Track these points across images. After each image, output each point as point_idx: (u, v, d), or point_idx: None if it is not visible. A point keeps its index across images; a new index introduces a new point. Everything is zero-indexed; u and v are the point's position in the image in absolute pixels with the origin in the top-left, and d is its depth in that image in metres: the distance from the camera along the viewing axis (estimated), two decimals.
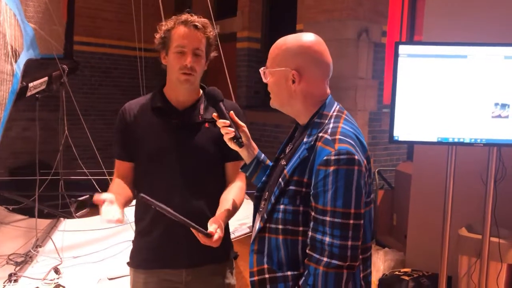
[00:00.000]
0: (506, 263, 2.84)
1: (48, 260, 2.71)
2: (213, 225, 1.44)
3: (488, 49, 2.52)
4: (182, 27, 1.59)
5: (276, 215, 1.28)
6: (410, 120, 2.60)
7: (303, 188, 1.25)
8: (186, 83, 1.62)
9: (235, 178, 1.69)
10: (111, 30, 6.80)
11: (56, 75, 3.21)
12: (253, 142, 1.59)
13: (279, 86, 1.34)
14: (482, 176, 2.83)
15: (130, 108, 1.69)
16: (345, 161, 1.19)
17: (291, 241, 1.27)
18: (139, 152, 1.67)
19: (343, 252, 1.18)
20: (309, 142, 1.27)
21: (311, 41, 1.33)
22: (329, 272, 1.18)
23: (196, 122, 1.66)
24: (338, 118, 1.31)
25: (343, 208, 1.18)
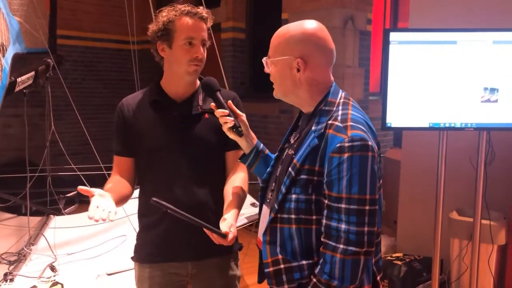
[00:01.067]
0: (497, 245, 2.91)
1: (42, 258, 2.67)
2: (226, 224, 1.42)
3: (477, 34, 2.54)
4: (188, 18, 1.56)
5: (288, 205, 1.28)
6: (402, 107, 2.62)
7: (314, 176, 1.25)
8: (195, 74, 1.61)
9: (236, 168, 1.68)
10: (93, 23, 6.67)
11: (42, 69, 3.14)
12: (251, 132, 1.58)
13: (283, 75, 1.33)
14: (471, 160, 2.89)
15: (128, 103, 1.67)
16: (359, 148, 1.19)
17: (305, 230, 1.27)
18: (139, 147, 1.65)
19: (360, 238, 1.19)
20: (318, 130, 1.26)
21: (314, 28, 1.32)
22: (346, 259, 1.19)
23: (195, 113, 1.64)
24: (346, 105, 1.31)
25: (358, 194, 1.19)
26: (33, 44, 3.06)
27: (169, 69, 1.64)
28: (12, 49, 2.45)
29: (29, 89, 2.96)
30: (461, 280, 3.06)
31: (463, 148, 2.95)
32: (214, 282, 1.68)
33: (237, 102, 1.66)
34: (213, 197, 1.64)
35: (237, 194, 1.58)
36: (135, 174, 1.69)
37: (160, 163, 1.63)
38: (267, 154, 1.59)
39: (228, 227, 1.41)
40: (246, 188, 1.66)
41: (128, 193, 1.65)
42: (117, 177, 1.65)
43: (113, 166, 1.70)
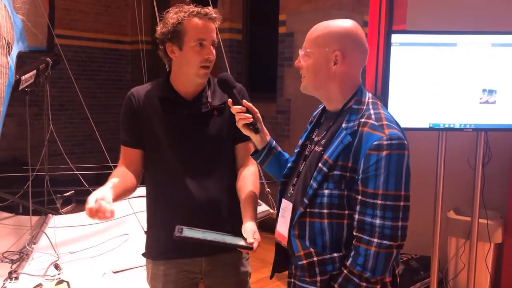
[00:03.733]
0: (493, 243, 2.97)
1: (44, 256, 2.66)
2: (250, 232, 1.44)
3: (476, 37, 2.60)
4: (197, 19, 1.55)
5: (320, 200, 1.31)
6: (402, 108, 2.66)
7: (347, 172, 1.28)
8: (205, 77, 1.61)
9: (246, 160, 1.69)
10: (87, 22, 6.63)
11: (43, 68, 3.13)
12: (265, 128, 1.59)
13: (318, 67, 1.35)
14: (469, 160, 2.95)
15: (138, 94, 1.65)
16: (396, 146, 1.23)
17: (337, 225, 1.31)
18: (149, 143, 1.65)
19: (394, 232, 1.23)
20: (350, 128, 1.29)
21: (354, 26, 1.36)
22: (381, 252, 1.24)
23: (205, 111, 1.65)
24: (376, 105, 1.35)
25: (395, 191, 1.23)
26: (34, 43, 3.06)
27: (179, 70, 1.63)
28: (17, 47, 2.45)
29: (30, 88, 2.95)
30: (458, 278, 3.11)
31: (460, 148, 3.01)
32: (226, 280, 1.69)
33: (243, 93, 1.67)
34: (225, 192, 1.65)
35: (252, 191, 1.60)
36: (142, 166, 1.68)
37: (172, 161, 1.63)
38: (280, 151, 1.60)
39: (252, 235, 1.43)
40: (258, 182, 1.67)
41: (132, 186, 1.62)
42: (123, 169, 1.63)
43: (120, 157, 1.68)
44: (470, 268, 2.82)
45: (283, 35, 4.78)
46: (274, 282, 3.64)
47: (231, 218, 1.61)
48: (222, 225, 1.58)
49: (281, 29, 4.80)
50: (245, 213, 1.52)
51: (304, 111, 4.66)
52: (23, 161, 5.29)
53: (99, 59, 6.84)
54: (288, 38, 4.70)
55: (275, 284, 3.49)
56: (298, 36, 4.56)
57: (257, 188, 1.63)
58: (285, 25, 4.74)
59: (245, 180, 1.63)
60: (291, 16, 4.65)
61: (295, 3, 4.63)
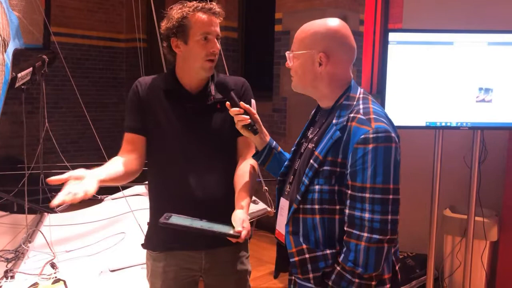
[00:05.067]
0: (489, 241, 2.99)
1: (40, 255, 2.65)
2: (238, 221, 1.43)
3: (473, 36, 2.61)
4: (202, 13, 1.58)
5: (311, 196, 1.31)
6: (399, 106, 2.67)
7: (337, 168, 1.28)
8: (210, 70, 1.64)
9: (245, 153, 1.70)
10: (82, 20, 6.59)
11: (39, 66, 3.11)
12: (264, 129, 1.61)
13: (304, 69, 1.37)
14: (465, 158, 2.96)
15: (145, 84, 1.68)
16: (383, 139, 1.23)
17: (328, 220, 1.30)
18: (154, 133, 1.66)
19: (383, 226, 1.23)
20: (340, 123, 1.30)
21: (339, 25, 1.37)
22: (371, 247, 1.23)
23: (209, 104, 1.67)
24: (366, 99, 1.35)
25: (383, 184, 1.23)
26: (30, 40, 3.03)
27: (184, 65, 1.66)
28: (13, 45, 2.43)
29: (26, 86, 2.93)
30: (454, 276, 3.13)
31: (456, 146, 3.02)
32: (226, 277, 1.69)
33: (245, 88, 1.71)
34: (226, 185, 1.65)
35: (248, 182, 1.60)
36: (145, 154, 1.68)
37: (174, 153, 1.64)
38: (280, 151, 1.62)
39: (241, 224, 1.42)
40: (256, 174, 1.68)
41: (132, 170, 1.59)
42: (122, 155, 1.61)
43: (122, 145, 1.67)
44: (466, 266, 2.84)
45: (279, 33, 4.77)
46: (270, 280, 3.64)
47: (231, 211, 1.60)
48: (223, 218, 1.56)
49: (277, 27, 4.79)
50: (237, 202, 1.53)
51: (300, 110, 4.66)
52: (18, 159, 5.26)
53: (93, 57, 6.80)
54: (284, 36, 4.69)
55: (272, 282, 3.49)
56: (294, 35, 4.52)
57: (253, 179, 1.63)
58: (281, 23, 4.73)
59: (242, 172, 1.64)
60: (287, 14, 4.65)
61: (291, 1, 4.62)
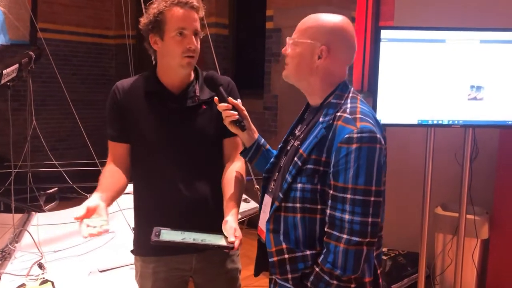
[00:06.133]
0: (480, 239, 2.99)
1: (27, 255, 2.60)
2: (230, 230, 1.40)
3: (465, 33, 2.61)
4: (178, 8, 1.52)
5: (293, 194, 1.29)
6: (391, 104, 2.66)
7: (321, 166, 1.26)
8: (188, 67, 1.58)
9: (233, 155, 1.66)
10: (70, 16, 6.49)
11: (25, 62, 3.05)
12: (252, 125, 1.58)
13: (302, 59, 1.34)
14: (456, 156, 2.96)
15: (123, 88, 1.62)
16: (367, 139, 1.21)
17: (309, 219, 1.28)
18: (136, 137, 1.62)
19: (363, 228, 1.20)
20: (326, 121, 1.28)
21: (346, 23, 1.35)
22: (350, 249, 1.20)
23: (193, 105, 1.62)
24: (355, 99, 1.33)
25: (364, 185, 1.20)
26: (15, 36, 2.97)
27: (163, 62, 1.61)
28: None
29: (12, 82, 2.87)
30: (445, 274, 3.13)
31: (447, 144, 3.02)
32: (216, 277, 1.67)
33: (232, 87, 1.66)
34: (213, 188, 1.62)
35: (236, 188, 1.56)
36: (130, 161, 1.65)
37: (159, 156, 1.60)
38: (268, 148, 1.59)
39: (233, 233, 1.39)
40: (244, 178, 1.65)
41: (124, 185, 1.60)
42: (112, 167, 1.60)
43: (108, 153, 1.65)
44: (457, 264, 2.84)
45: (270, 30, 4.74)
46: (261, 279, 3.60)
47: (219, 215, 1.58)
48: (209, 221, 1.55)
49: (268, 24, 4.76)
50: (226, 211, 1.50)
51: (291, 107, 4.64)
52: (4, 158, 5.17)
53: (82, 54, 6.71)
54: (275, 33, 4.67)
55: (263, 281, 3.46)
56: (285, 32, 4.52)
57: (242, 184, 1.60)
58: (273, 21, 4.71)
59: (229, 176, 1.60)
60: (278, 12, 4.62)
61: None
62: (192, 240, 1.38)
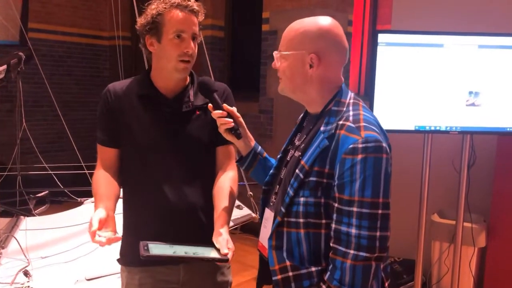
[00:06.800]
0: (477, 247, 2.94)
1: (13, 262, 2.53)
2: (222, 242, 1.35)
3: (463, 38, 2.56)
4: (178, 11, 1.48)
5: (296, 208, 1.22)
6: (388, 109, 2.61)
7: (324, 179, 1.19)
8: (184, 71, 1.53)
9: (226, 164, 1.61)
10: (64, 16, 6.42)
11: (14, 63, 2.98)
12: (249, 133, 1.52)
13: (294, 71, 1.27)
14: (453, 162, 2.91)
15: (115, 91, 1.57)
16: (373, 149, 1.14)
17: (314, 235, 1.22)
18: (127, 142, 1.56)
19: (371, 243, 1.14)
20: (328, 131, 1.21)
21: (331, 24, 1.27)
22: (357, 265, 1.14)
23: (187, 110, 1.57)
24: (357, 105, 1.26)
25: (371, 198, 1.13)
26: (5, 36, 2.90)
27: (158, 65, 1.56)
28: None
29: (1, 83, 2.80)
30: (442, 282, 3.08)
31: (444, 150, 2.98)
32: None
33: (227, 93, 1.61)
34: (205, 197, 1.57)
35: (228, 198, 1.51)
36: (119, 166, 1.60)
37: (149, 162, 1.55)
38: (265, 156, 1.53)
39: (226, 245, 1.34)
40: (236, 189, 1.59)
41: (119, 190, 1.56)
42: (104, 174, 1.55)
43: (97, 157, 1.60)
44: (454, 273, 2.79)
45: (266, 33, 4.69)
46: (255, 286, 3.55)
47: (209, 224, 1.52)
48: (199, 231, 1.52)
49: (264, 27, 4.71)
50: (217, 221, 1.44)
51: (287, 111, 4.58)
52: None
53: (75, 55, 6.63)
54: (272, 36, 4.61)
55: None
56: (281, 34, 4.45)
57: (233, 195, 1.54)
58: (269, 23, 4.65)
59: (221, 186, 1.54)
60: (274, 14, 4.57)
61: (278, 0, 4.54)
62: (183, 253, 1.32)
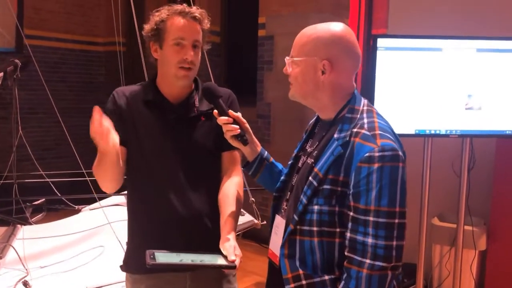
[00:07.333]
0: (478, 250, 2.94)
1: (11, 272, 2.49)
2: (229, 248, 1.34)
3: (461, 42, 2.57)
4: (180, 18, 1.49)
5: (310, 217, 1.21)
6: (388, 113, 2.58)
7: (338, 187, 1.18)
8: (184, 79, 1.53)
9: (230, 169, 1.60)
10: (58, 22, 6.39)
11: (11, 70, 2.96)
12: (255, 138, 1.51)
13: (306, 77, 1.27)
14: (453, 166, 2.91)
15: (123, 93, 1.58)
16: (390, 158, 1.14)
17: (327, 243, 1.21)
18: (132, 147, 1.55)
19: (388, 252, 1.13)
20: (342, 138, 1.20)
21: (344, 31, 1.27)
22: (373, 274, 1.13)
23: (192, 116, 1.57)
24: (371, 112, 1.26)
25: (388, 207, 1.13)
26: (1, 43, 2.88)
27: (162, 71, 1.57)
28: None
29: None
30: (443, 286, 3.08)
31: (444, 154, 2.98)
32: None
33: (232, 99, 1.62)
34: (210, 203, 1.56)
35: (233, 205, 1.50)
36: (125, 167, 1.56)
37: (155, 168, 1.54)
38: (272, 162, 1.52)
39: (233, 252, 1.33)
40: (242, 194, 1.59)
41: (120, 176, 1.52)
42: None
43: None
44: (456, 276, 2.79)
45: (262, 38, 4.69)
46: None
47: (215, 230, 1.51)
48: (206, 237, 1.51)
49: (261, 32, 4.71)
50: (223, 228, 1.44)
51: (285, 116, 4.58)
52: None
53: (70, 61, 6.60)
54: (268, 41, 4.61)
55: None
56: (278, 39, 4.47)
57: (239, 201, 1.54)
58: (265, 28, 4.65)
59: (227, 192, 1.54)
60: (270, 19, 4.57)
61: (274, 5, 4.54)
62: (190, 261, 1.32)
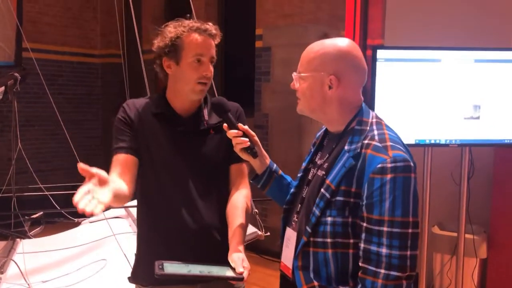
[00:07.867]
0: (479, 258, 2.96)
1: (13, 287, 2.48)
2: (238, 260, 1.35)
3: (459, 53, 2.61)
4: (197, 34, 1.51)
5: (323, 228, 1.23)
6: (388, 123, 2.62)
7: (351, 198, 1.20)
8: (201, 93, 1.56)
9: (238, 182, 1.62)
10: (55, 35, 6.41)
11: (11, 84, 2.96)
12: (264, 151, 1.53)
13: (313, 92, 1.29)
14: (453, 175, 2.94)
15: (134, 105, 1.60)
16: (402, 169, 1.16)
17: (342, 255, 1.22)
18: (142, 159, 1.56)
19: (402, 262, 1.15)
20: (353, 150, 1.22)
21: (350, 46, 1.30)
22: (388, 284, 1.14)
23: (202, 129, 1.59)
24: (380, 124, 1.29)
25: (402, 217, 1.15)
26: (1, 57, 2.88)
27: (175, 86, 1.59)
28: None
29: None
30: None
31: (443, 163, 3.00)
32: None
33: (240, 112, 1.65)
34: (219, 215, 1.58)
35: (242, 217, 1.52)
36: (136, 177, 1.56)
37: (164, 180, 1.56)
38: (281, 174, 1.55)
39: (241, 264, 1.34)
40: (250, 206, 1.60)
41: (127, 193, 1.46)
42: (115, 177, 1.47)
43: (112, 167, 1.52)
44: (457, 284, 2.80)
45: (259, 49, 4.73)
46: None
47: (224, 243, 1.52)
48: (214, 249, 1.52)
49: (258, 43, 4.75)
50: (232, 240, 1.45)
51: (282, 126, 4.60)
52: None
53: (67, 73, 6.61)
54: (265, 52, 4.65)
55: None
56: (275, 51, 4.51)
57: (248, 213, 1.56)
58: (262, 40, 4.69)
59: (235, 204, 1.55)
60: (267, 31, 4.61)
61: (271, 17, 4.59)
62: (198, 272, 1.33)
